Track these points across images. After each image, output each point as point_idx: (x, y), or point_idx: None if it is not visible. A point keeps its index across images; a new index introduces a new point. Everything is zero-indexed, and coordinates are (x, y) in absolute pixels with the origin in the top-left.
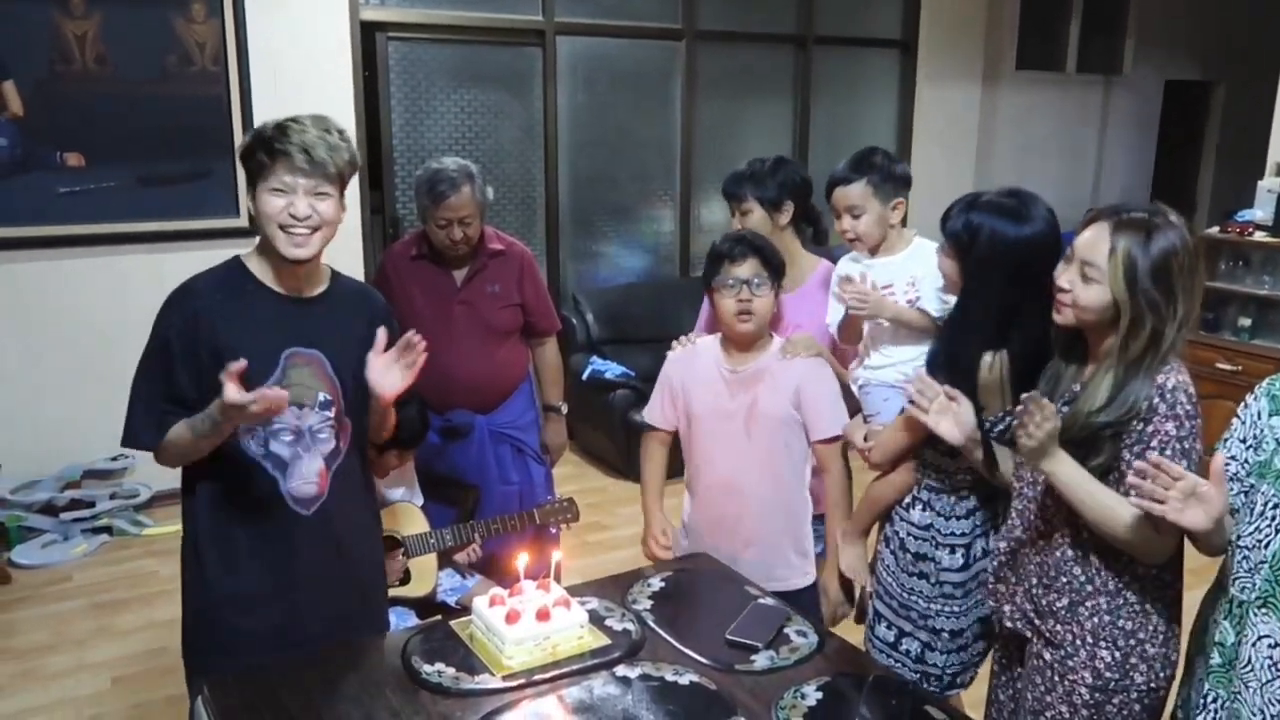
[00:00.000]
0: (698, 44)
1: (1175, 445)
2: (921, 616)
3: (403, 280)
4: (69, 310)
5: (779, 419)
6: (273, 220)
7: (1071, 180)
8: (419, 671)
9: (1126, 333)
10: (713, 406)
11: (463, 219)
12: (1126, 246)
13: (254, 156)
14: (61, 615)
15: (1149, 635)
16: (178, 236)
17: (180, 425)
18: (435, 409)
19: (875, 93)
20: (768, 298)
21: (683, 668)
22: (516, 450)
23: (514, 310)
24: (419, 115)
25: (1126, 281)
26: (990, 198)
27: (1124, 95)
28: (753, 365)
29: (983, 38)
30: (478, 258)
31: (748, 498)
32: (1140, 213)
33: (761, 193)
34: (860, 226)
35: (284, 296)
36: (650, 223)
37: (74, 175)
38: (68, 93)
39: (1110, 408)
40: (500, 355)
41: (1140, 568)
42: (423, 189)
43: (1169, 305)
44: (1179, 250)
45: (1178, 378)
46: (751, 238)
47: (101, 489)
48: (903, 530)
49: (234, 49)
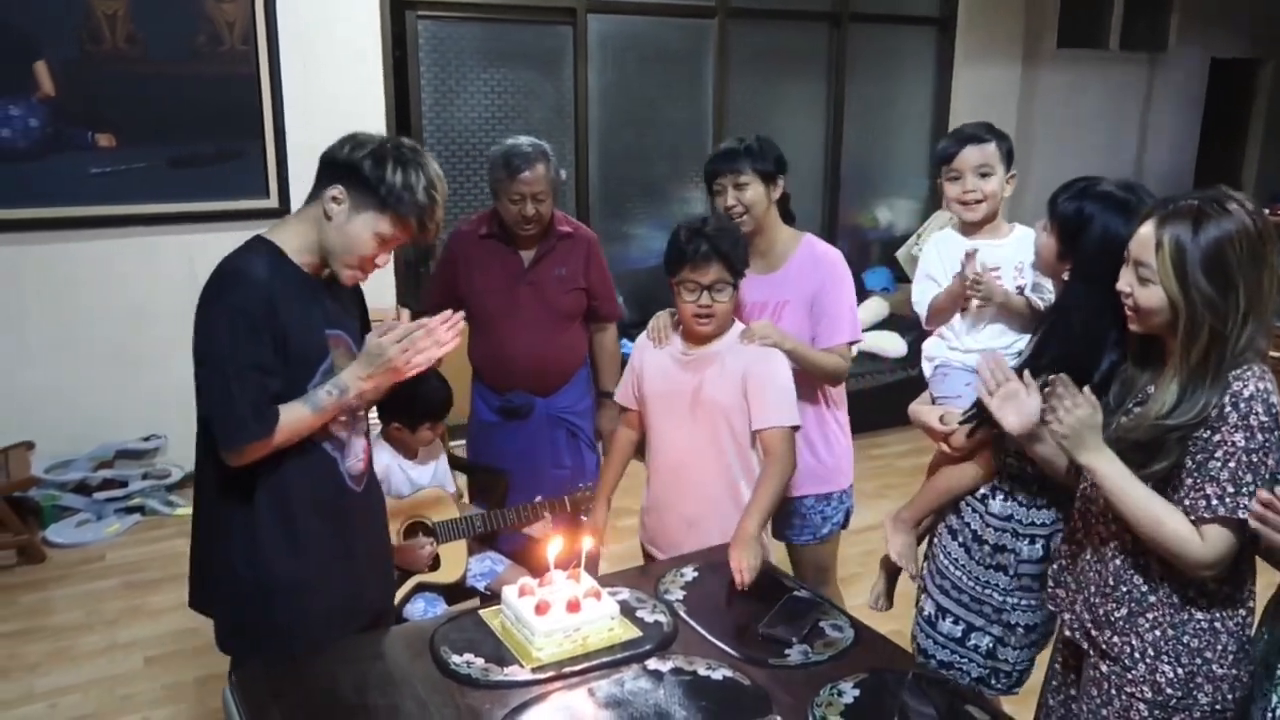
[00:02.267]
0: (730, 22)
1: (1242, 458)
2: (996, 611)
3: (470, 259)
4: (101, 290)
5: (722, 404)
6: (356, 253)
7: (1113, 162)
8: (448, 662)
9: (1185, 333)
10: (662, 388)
11: (536, 195)
12: (1173, 238)
13: (396, 208)
14: (94, 594)
15: (1217, 655)
16: (208, 217)
17: (295, 406)
18: (495, 388)
19: (912, 71)
20: (727, 302)
21: (716, 662)
22: (571, 435)
23: (579, 294)
24: (449, 94)
25: (1177, 277)
26: (1107, 188)
27: (1168, 73)
28: (706, 350)
29: (1023, 15)
30: (547, 239)
31: (692, 480)
32: (1190, 200)
33: (762, 165)
34: (988, 186)
35: (312, 277)
36: (681, 204)
37: (105, 156)
38: (98, 73)
39: (1177, 412)
40: (563, 338)
41: (1210, 583)
42: (498, 163)
43: (1228, 299)
44: (1234, 237)
45: (1258, 385)
46: (714, 235)
47: (134, 469)
48: (975, 522)
49: (263, 28)
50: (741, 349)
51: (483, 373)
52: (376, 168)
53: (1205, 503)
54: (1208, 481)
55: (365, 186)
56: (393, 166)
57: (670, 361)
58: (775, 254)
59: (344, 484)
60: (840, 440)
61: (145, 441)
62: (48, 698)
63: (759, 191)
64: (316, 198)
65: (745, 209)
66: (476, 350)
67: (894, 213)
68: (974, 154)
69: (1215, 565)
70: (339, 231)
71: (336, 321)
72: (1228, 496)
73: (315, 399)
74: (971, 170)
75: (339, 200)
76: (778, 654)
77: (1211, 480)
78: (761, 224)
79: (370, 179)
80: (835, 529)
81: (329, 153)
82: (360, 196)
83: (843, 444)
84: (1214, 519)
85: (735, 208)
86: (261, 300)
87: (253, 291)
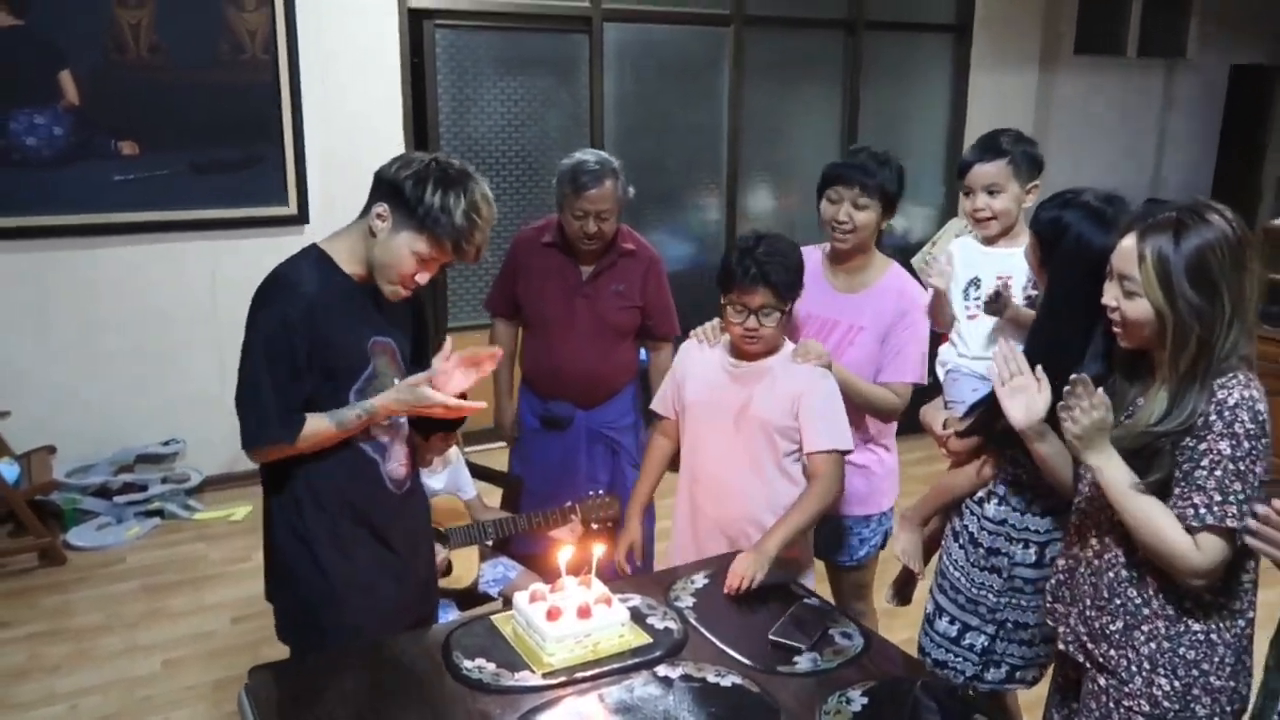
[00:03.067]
0: (746, 29)
1: (1229, 466)
2: (990, 610)
3: (530, 264)
4: (124, 297)
5: (769, 422)
6: (397, 270)
7: (1131, 169)
8: (460, 667)
9: (1173, 342)
10: (706, 398)
11: (600, 213)
12: (1155, 249)
13: (433, 229)
14: (114, 597)
15: (1214, 667)
16: (230, 224)
17: (321, 419)
18: (540, 396)
19: (927, 79)
20: (774, 327)
21: (725, 669)
22: (612, 451)
23: (634, 311)
24: (466, 103)
25: (1162, 288)
26: (1087, 199)
27: (1187, 80)
28: (757, 365)
29: (1040, 20)
30: (608, 254)
31: (728, 493)
32: (1169, 212)
33: (890, 189)
34: (997, 204)
35: (360, 285)
36: (697, 211)
37: (128, 163)
38: (122, 81)
39: (1166, 419)
40: (613, 354)
41: (1206, 595)
42: (565, 178)
43: (1214, 306)
44: (1216, 244)
45: (1242, 393)
46: (765, 259)
47: (153, 473)
48: (973, 525)
49: (284, 37)
50: (794, 368)
51: (531, 379)
52: (416, 188)
53: (1194, 511)
54: (1195, 490)
55: (405, 206)
56: (433, 188)
57: (719, 371)
58: (863, 277)
59: (385, 486)
60: (884, 462)
61: (165, 446)
62: (68, 699)
63: (874, 215)
64: (367, 213)
65: (855, 228)
66: (528, 356)
67: (909, 219)
68: (984, 171)
69: (1209, 574)
70: (382, 248)
71: (382, 329)
72: (1215, 505)
73: (342, 417)
74: (981, 188)
75: (383, 218)
76: (787, 661)
77: (1199, 489)
78: (862, 246)
79: (410, 199)
80: (873, 551)
81: (381, 170)
82: (401, 215)
83: (886, 465)
84: (1203, 528)
85: (846, 224)
86: (303, 307)
87: (296, 298)
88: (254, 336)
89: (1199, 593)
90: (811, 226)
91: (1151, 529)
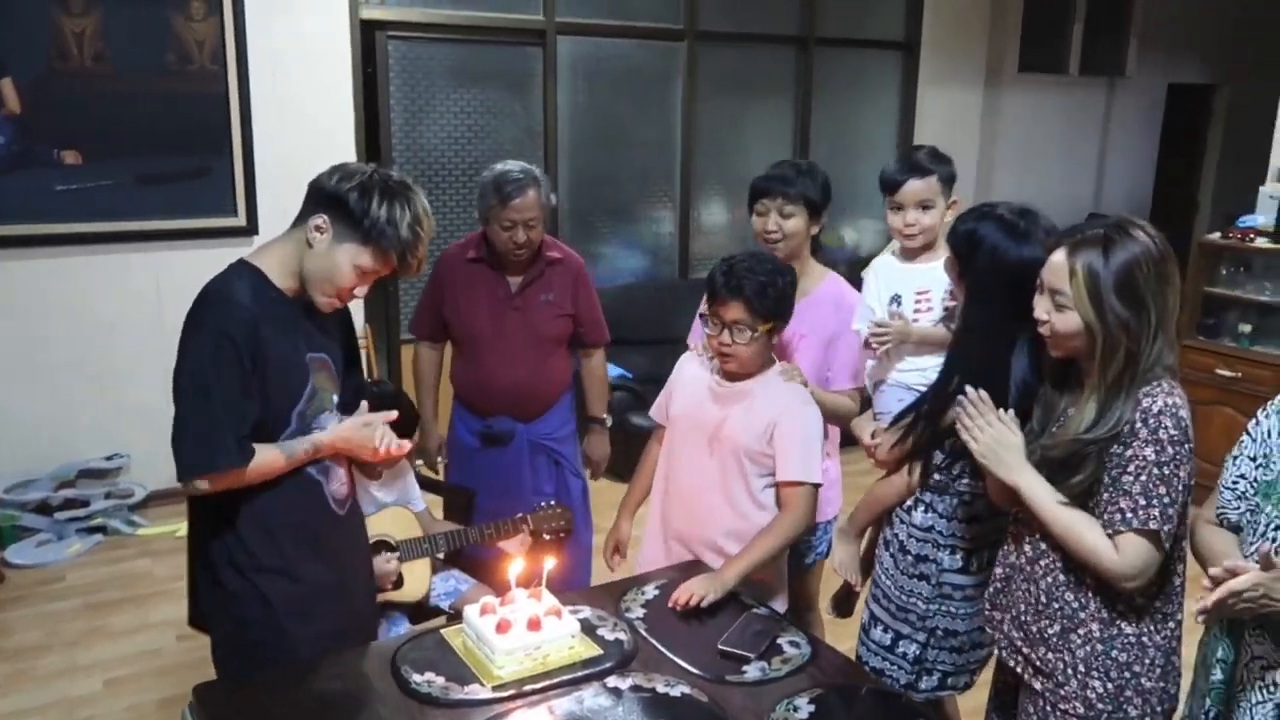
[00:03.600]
0: (699, 44)
1: (1153, 471)
2: (920, 618)
3: (457, 283)
4: (66, 309)
5: (741, 445)
6: (336, 283)
7: (1074, 183)
8: (409, 681)
9: (1102, 354)
10: (690, 412)
11: (528, 221)
12: (1085, 265)
13: (379, 241)
14: (55, 615)
15: (1145, 668)
16: (176, 235)
17: (271, 449)
18: (477, 413)
19: (877, 94)
20: (748, 345)
21: (674, 679)
22: (554, 462)
23: (566, 320)
24: (419, 115)
25: (1092, 302)
26: (1001, 212)
27: (1127, 98)
28: (740, 386)
29: (985, 39)
30: (535, 264)
31: (696, 511)
32: (1097, 229)
33: (813, 197)
34: (927, 219)
35: (293, 301)
36: (650, 224)
37: (71, 173)
38: (66, 90)
39: (1095, 427)
40: (547, 365)
41: (1138, 598)
42: (489, 189)
43: (1140, 318)
44: (1141, 260)
45: (1166, 400)
46: (743, 273)
47: (96, 488)
48: (903, 533)
49: (233, 47)
50: (775, 394)
51: (465, 397)
52: (362, 200)
53: (1120, 516)
54: (1121, 495)
55: (349, 218)
56: (379, 200)
57: (704, 389)
58: (801, 285)
59: (329, 507)
60: (829, 472)
61: (108, 461)
62: None
63: (801, 222)
64: (301, 224)
65: (784, 236)
66: (459, 375)
67: (859, 232)
68: (916, 187)
69: (1135, 576)
70: (320, 260)
71: (318, 344)
72: (1140, 509)
73: (290, 449)
74: (913, 204)
75: (322, 229)
76: (736, 671)
77: (1125, 494)
78: (794, 255)
79: (355, 211)
80: (819, 558)
81: (317, 181)
82: (344, 227)
83: (830, 476)
84: (1128, 530)
85: (774, 234)
86: (247, 325)
87: (238, 315)
88: (195, 358)
89: (1131, 596)
90: None
91: (1075, 537)
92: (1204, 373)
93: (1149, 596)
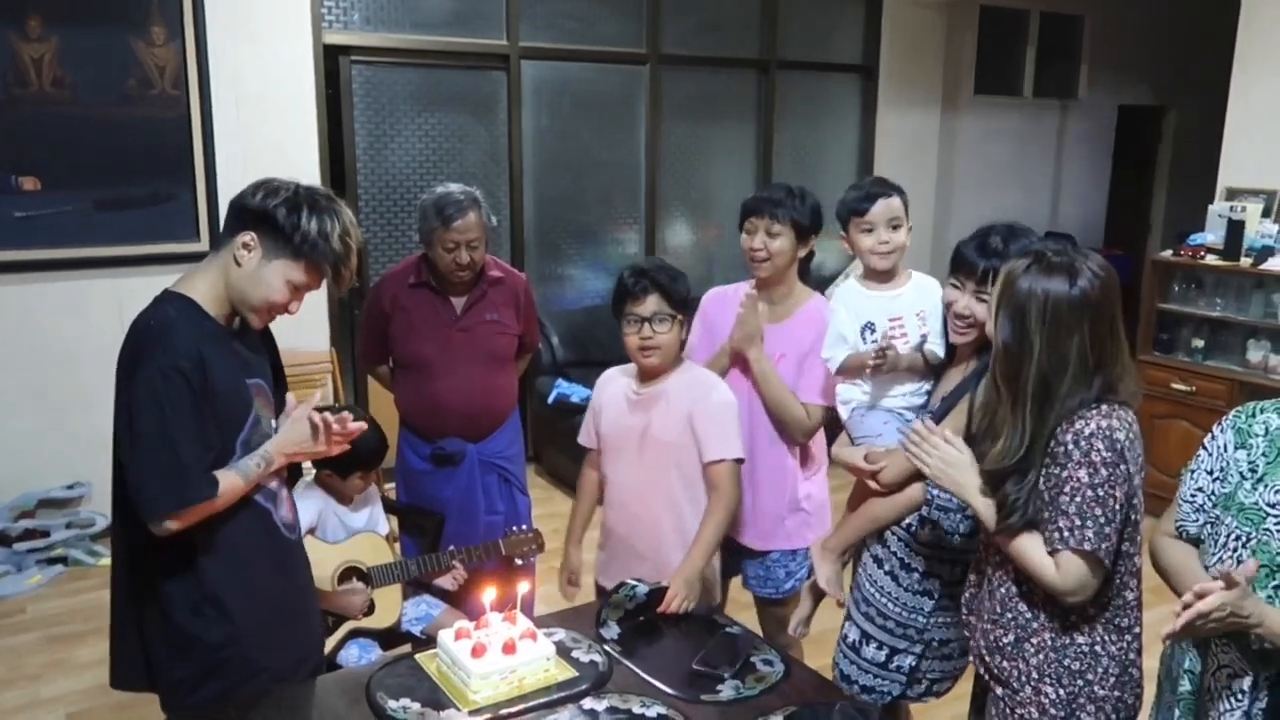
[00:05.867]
0: (662, 68)
1: (1087, 493)
2: (919, 631)
3: (400, 307)
4: (25, 336)
5: (670, 442)
6: (267, 300)
7: (1030, 202)
8: (384, 708)
9: (992, 361)
10: (615, 428)
11: (470, 242)
12: (1007, 271)
13: (311, 255)
14: (15, 649)
15: (1098, 677)
16: (138, 261)
17: (228, 473)
18: (426, 436)
19: (838, 117)
20: (669, 333)
21: (650, 699)
22: (504, 480)
23: (511, 338)
24: (383, 139)
25: (994, 305)
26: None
27: (1079, 119)
28: (655, 389)
29: (942, 63)
30: (478, 285)
31: (642, 518)
32: (1049, 250)
33: (801, 219)
34: (898, 238)
35: (226, 328)
36: (615, 245)
37: (30, 199)
38: (24, 116)
39: (1006, 456)
40: (495, 383)
41: (1090, 609)
42: (430, 212)
43: (1021, 346)
44: (1041, 295)
45: (1100, 423)
46: (654, 270)
47: (57, 518)
48: (900, 550)
49: (195, 72)
50: (685, 385)
51: (412, 421)
52: (290, 215)
53: (1058, 535)
54: (1060, 515)
55: (279, 234)
56: (307, 214)
57: (623, 401)
58: (785, 307)
59: (281, 534)
60: (814, 498)
61: (69, 490)
62: None
63: (787, 243)
64: (224, 245)
65: (769, 256)
66: (405, 399)
67: (822, 252)
68: (884, 207)
69: (1075, 592)
70: (250, 278)
71: (253, 370)
72: (1076, 529)
73: (244, 468)
74: (884, 223)
75: (250, 247)
76: (711, 690)
77: (1063, 514)
78: (781, 275)
79: (284, 226)
80: (798, 585)
81: (239, 199)
82: (273, 244)
83: (816, 501)
84: (1065, 549)
85: (760, 252)
86: (192, 356)
87: (182, 348)
88: (146, 397)
89: (1084, 607)
90: (730, 260)
91: (1020, 553)
92: (1160, 387)
93: (1100, 607)
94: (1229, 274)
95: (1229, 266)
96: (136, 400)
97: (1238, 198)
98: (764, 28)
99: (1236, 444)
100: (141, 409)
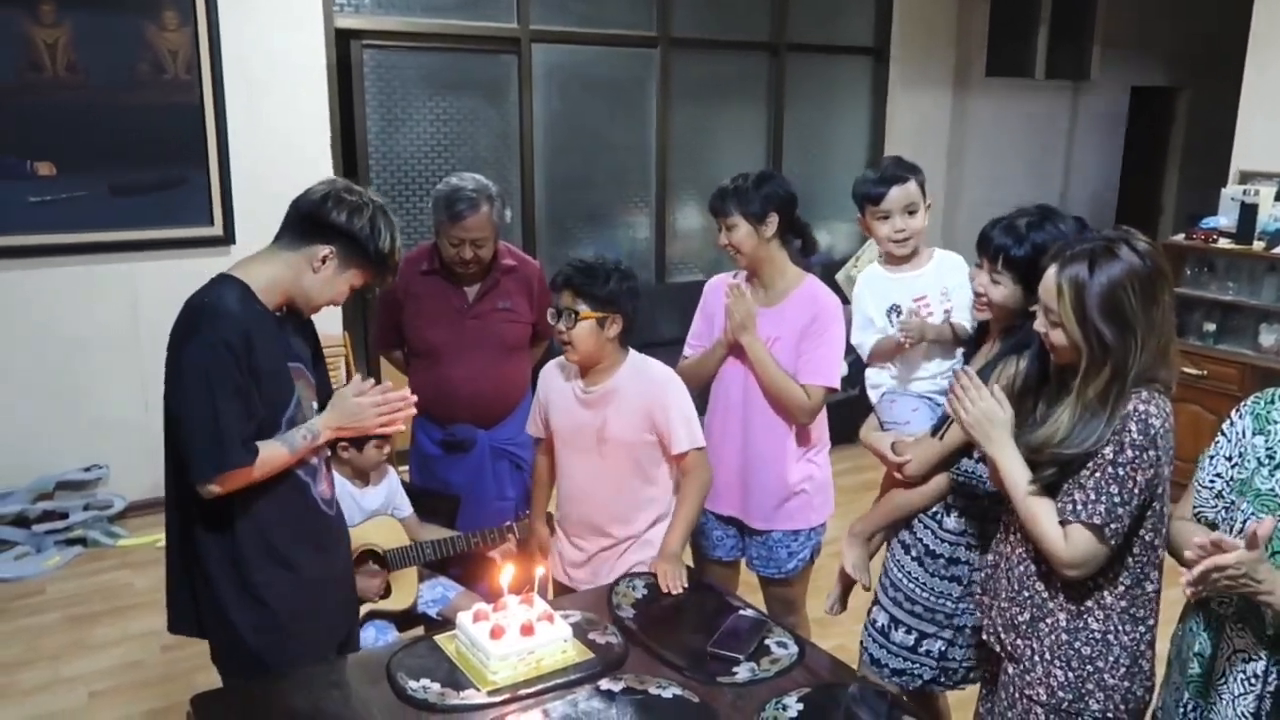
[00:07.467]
0: (672, 51)
1: (1108, 470)
2: (948, 617)
3: (412, 294)
4: (40, 320)
5: (627, 441)
6: (332, 300)
7: (1041, 185)
8: (405, 688)
9: (1085, 370)
10: (568, 424)
11: (476, 240)
12: (1070, 284)
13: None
14: (35, 629)
15: (1108, 665)
16: (151, 245)
17: (273, 444)
18: (438, 421)
19: (848, 99)
20: (580, 330)
21: (666, 681)
22: (515, 466)
23: (524, 326)
24: (394, 123)
25: (1078, 320)
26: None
27: (1091, 101)
28: (603, 386)
29: (953, 45)
30: (490, 274)
31: (601, 511)
32: (1087, 244)
33: (746, 207)
34: (915, 223)
35: (272, 313)
36: (626, 229)
37: (44, 184)
38: (38, 101)
39: (1066, 441)
40: (507, 371)
41: (1108, 596)
42: (440, 205)
43: (1125, 337)
44: (1125, 279)
45: (1137, 405)
46: (578, 265)
47: (75, 500)
48: (927, 537)
49: (207, 57)
50: (636, 384)
51: (425, 406)
52: (372, 236)
53: (1070, 506)
54: (1077, 488)
55: (360, 250)
56: (383, 232)
57: (572, 399)
58: (776, 290)
59: (319, 508)
60: (815, 478)
61: (86, 472)
62: None
63: (744, 232)
64: (296, 248)
65: (735, 249)
66: (418, 384)
67: (833, 235)
68: (900, 194)
69: (1077, 566)
70: (323, 284)
71: (295, 355)
72: (1089, 503)
73: (291, 440)
74: (900, 211)
75: (328, 259)
76: (726, 672)
77: (1080, 487)
78: (756, 261)
79: (365, 245)
80: (801, 565)
81: (316, 212)
82: (350, 256)
83: (818, 481)
84: (1075, 521)
85: (727, 247)
86: (241, 334)
87: (232, 325)
88: (193, 364)
89: (1102, 593)
90: None
91: (1033, 521)
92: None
93: (1118, 596)
94: (1241, 258)
95: (1242, 250)
96: (184, 370)
97: (1251, 181)
98: (774, 10)
99: (1255, 430)
100: (188, 379)
